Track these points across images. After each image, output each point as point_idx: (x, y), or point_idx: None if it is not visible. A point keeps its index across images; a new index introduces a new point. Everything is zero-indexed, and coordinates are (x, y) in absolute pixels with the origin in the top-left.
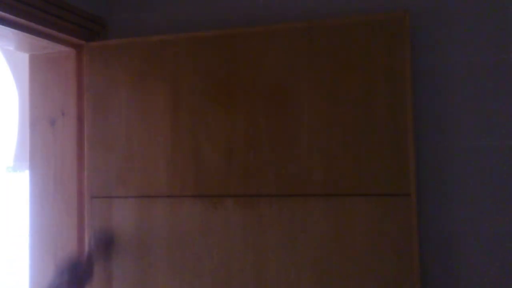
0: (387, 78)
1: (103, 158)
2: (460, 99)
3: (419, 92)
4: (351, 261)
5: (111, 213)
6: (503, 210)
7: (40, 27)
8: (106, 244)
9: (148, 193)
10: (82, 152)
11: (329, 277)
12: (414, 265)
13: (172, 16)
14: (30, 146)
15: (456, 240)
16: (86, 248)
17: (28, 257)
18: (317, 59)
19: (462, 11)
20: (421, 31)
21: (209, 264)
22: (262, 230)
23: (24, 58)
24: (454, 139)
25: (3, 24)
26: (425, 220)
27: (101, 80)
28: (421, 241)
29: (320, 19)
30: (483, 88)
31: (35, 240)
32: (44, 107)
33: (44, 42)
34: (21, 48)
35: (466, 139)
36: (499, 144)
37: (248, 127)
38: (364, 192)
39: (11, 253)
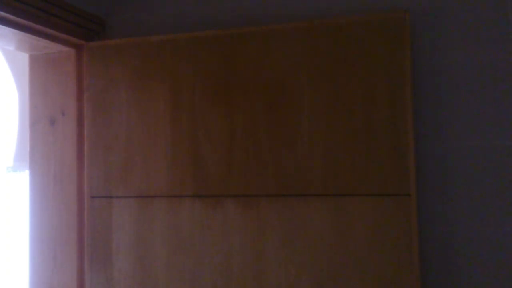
0: (387, 78)
1: (103, 158)
2: (460, 99)
3: (419, 92)
4: (351, 261)
5: (111, 213)
6: (503, 210)
7: (40, 27)
8: None
9: (148, 193)
10: (82, 152)
11: (329, 277)
12: (414, 265)
13: (172, 16)
14: (30, 146)
15: (456, 240)
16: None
17: (28, 256)
18: (317, 59)
19: (462, 11)
20: (421, 31)
21: (209, 264)
22: (262, 230)
23: (24, 58)
24: (454, 139)
25: (3, 24)
26: (425, 220)
27: (101, 80)
28: (421, 241)
29: (320, 19)
30: (483, 88)
31: (35, 240)
32: (44, 107)
33: (44, 42)
34: (21, 48)
35: (466, 139)
36: (499, 144)
37: (248, 127)
38: (364, 192)
39: (11, 253)
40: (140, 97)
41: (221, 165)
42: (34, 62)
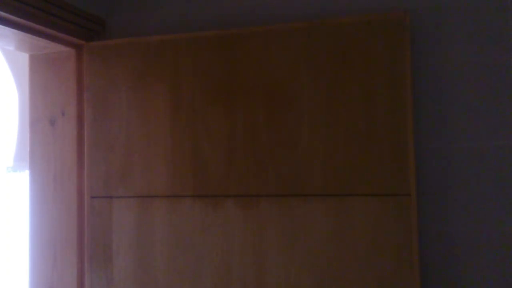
0: (387, 78)
1: (103, 158)
2: (460, 99)
3: (419, 92)
4: (351, 261)
5: (111, 213)
6: (503, 210)
7: (40, 27)
8: None
9: (148, 193)
10: (82, 152)
11: (329, 277)
12: (414, 265)
13: (172, 16)
14: (30, 146)
15: (456, 240)
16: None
17: (28, 256)
18: (317, 59)
19: (462, 11)
20: (421, 31)
21: (209, 264)
22: (262, 230)
23: (24, 58)
24: (454, 139)
25: (3, 24)
26: (425, 220)
27: (101, 80)
28: (421, 241)
29: (320, 19)
30: (483, 88)
31: (35, 240)
32: (44, 107)
33: (44, 42)
34: (21, 48)
35: (466, 139)
36: (499, 144)
37: (248, 127)
38: (364, 192)
39: (11, 253)
40: (140, 97)
41: (221, 165)
42: (34, 62)
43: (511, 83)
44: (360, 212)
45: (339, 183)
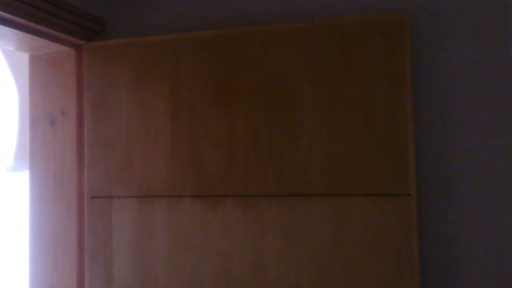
0: (387, 78)
1: (103, 158)
2: (460, 99)
3: (419, 92)
4: (351, 261)
5: (111, 213)
6: (503, 210)
7: (40, 27)
8: None
9: (148, 193)
10: (82, 152)
11: (329, 277)
12: (414, 265)
13: (172, 16)
14: (30, 146)
15: (456, 240)
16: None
17: (28, 256)
18: (317, 59)
19: (462, 11)
20: (421, 31)
21: (209, 264)
22: (262, 230)
23: (24, 58)
24: (454, 139)
25: (3, 24)
26: (425, 220)
27: (101, 80)
28: (421, 241)
29: (320, 19)
30: (483, 88)
31: (35, 240)
32: (44, 107)
33: (44, 42)
34: (21, 48)
35: (466, 139)
36: (499, 144)
37: (248, 127)
38: (364, 192)
39: (11, 253)
40: (140, 97)
41: (221, 165)
42: (34, 62)
43: (511, 83)
44: (360, 212)
45: (339, 183)
